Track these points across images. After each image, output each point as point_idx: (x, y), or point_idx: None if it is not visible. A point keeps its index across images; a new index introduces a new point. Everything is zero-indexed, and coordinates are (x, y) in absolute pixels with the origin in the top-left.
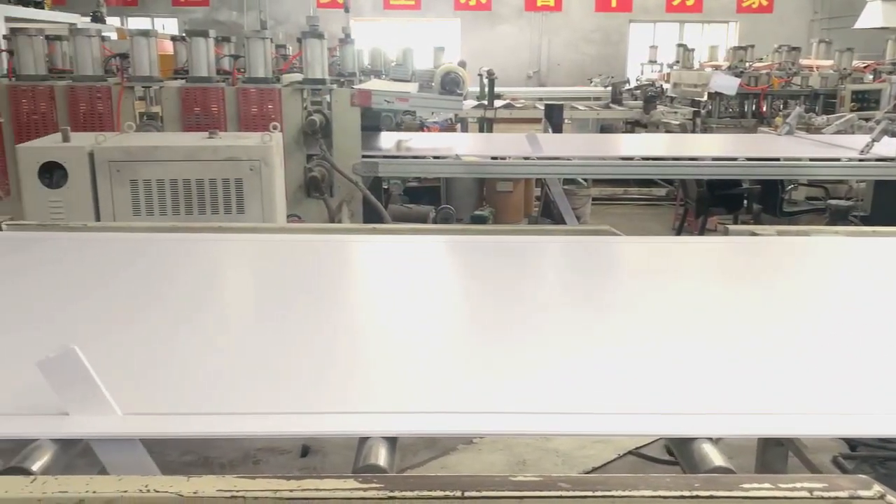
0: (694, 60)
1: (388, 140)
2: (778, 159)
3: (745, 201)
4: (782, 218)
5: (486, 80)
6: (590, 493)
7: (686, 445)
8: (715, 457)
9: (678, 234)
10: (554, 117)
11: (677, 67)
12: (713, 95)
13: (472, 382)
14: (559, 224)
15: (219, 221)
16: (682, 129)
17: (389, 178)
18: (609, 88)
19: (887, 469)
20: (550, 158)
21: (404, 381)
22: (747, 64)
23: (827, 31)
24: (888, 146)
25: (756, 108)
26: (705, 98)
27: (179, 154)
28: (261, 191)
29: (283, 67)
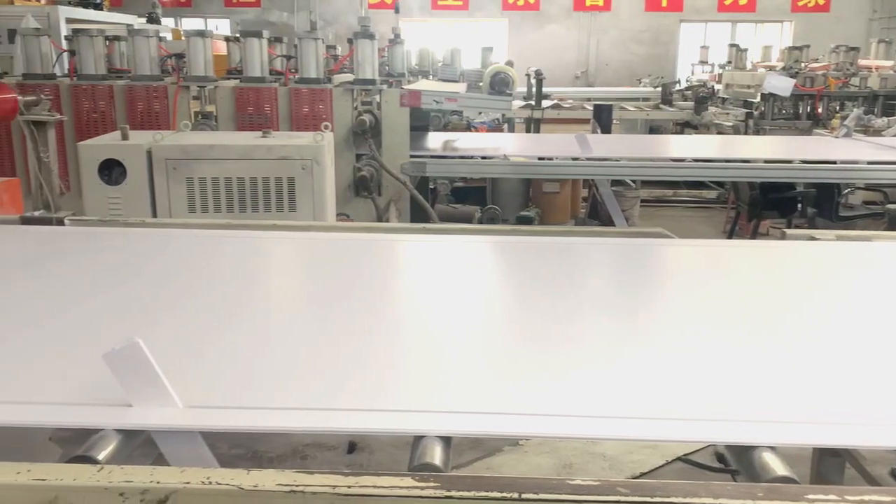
0: (747, 61)
1: (435, 140)
2: (834, 162)
3: (800, 205)
4: (838, 223)
5: (533, 81)
6: (649, 499)
7: (746, 453)
8: (777, 466)
9: (730, 238)
10: (603, 118)
11: (729, 68)
12: (767, 97)
13: (523, 383)
14: (607, 226)
15: (271, 219)
16: (735, 130)
17: (437, 177)
18: (659, 89)
19: None
20: (599, 159)
21: (457, 381)
22: (802, 64)
23: (887, 30)
24: None
25: (811, 109)
26: (758, 99)
27: (234, 153)
28: (312, 190)
29: (335, 68)
